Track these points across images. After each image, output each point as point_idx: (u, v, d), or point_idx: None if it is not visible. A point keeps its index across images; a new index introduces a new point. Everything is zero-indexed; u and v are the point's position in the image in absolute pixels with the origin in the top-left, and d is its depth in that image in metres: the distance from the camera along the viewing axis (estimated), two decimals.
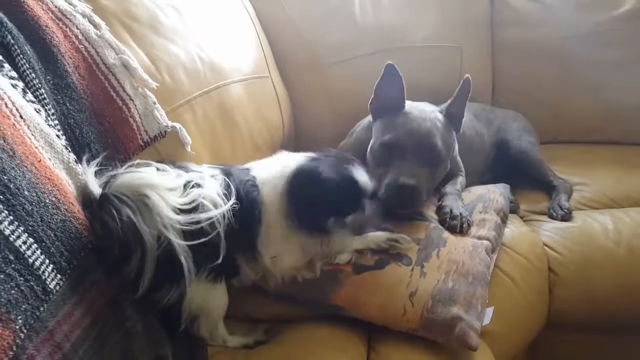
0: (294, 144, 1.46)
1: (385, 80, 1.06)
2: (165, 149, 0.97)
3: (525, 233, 1.18)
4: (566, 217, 1.22)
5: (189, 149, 1.00)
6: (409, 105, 1.07)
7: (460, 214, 1.01)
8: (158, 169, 0.77)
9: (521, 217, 1.28)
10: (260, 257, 0.84)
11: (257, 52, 1.32)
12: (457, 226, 0.99)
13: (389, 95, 1.06)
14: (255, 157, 1.17)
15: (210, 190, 0.76)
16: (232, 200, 0.77)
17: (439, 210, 1.04)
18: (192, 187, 0.75)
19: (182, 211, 0.72)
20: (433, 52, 1.50)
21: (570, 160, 1.46)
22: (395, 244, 0.91)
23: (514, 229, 1.18)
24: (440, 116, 1.07)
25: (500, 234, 1.05)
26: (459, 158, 1.22)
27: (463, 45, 1.54)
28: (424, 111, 1.06)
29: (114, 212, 0.68)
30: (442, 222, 1.00)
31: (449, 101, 1.08)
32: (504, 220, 1.09)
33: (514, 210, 1.28)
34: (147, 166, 0.78)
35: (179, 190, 0.74)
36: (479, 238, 0.99)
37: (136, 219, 0.68)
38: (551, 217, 1.24)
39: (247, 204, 0.80)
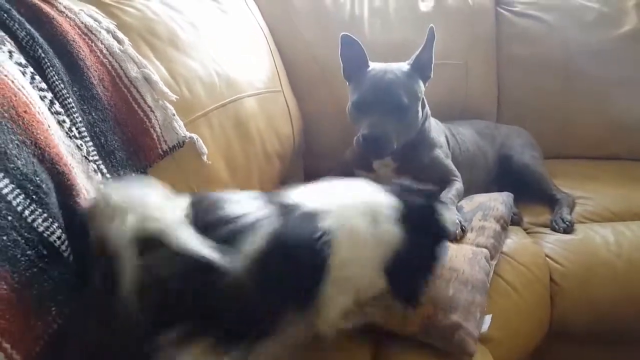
0: (303, 153, 1.50)
1: (344, 48, 1.18)
2: (182, 158, 1.01)
3: (528, 244, 1.19)
4: (568, 229, 1.24)
5: (205, 158, 1.04)
6: (373, 64, 1.17)
7: (458, 221, 1.03)
8: None
9: (525, 230, 1.30)
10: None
11: (270, 67, 1.36)
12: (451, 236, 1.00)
13: (352, 60, 1.17)
14: (266, 165, 1.21)
15: None
16: None
17: None
18: None
19: None
20: (440, 68, 1.52)
21: (574, 175, 1.48)
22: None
23: (517, 240, 1.19)
24: (404, 67, 1.16)
25: (500, 241, 1.07)
26: (449, 162, 1.24)
27: (468, 62, 1.57)
28: (387, 66, 1.16)
29: None
30: None
31: (417, 51, 1.17)
32: (504, 228, 1.11)
33: (517, 222, 1.29)
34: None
35: None
36: (478, 245, 1.01)
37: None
38: (554, 229, 1.25)
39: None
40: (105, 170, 0.84)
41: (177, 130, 0.99)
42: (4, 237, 0.57)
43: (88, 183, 0.78)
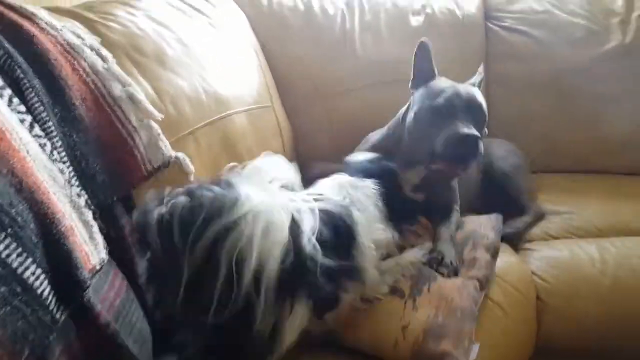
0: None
1: (419, 55, 1.14)
2: (167, 178, 0.97)
3: (515, 263, 1.18)
4: (509, 237, 1.23)
5: (191, 178, 1.00)
6: (438, 77, 1.13)
7: (451, 262, 1.00)
8: None
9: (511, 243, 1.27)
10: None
11: (259, 82, 1.33)
12: (444, 273, 0.98)
13: (423, 68, 1.13)
14: None
15: None
16: None
17: (430, 254, 1.02)
18: None
19: None
20: None
21: (561, 189, 1.47)
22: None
23: (504, 258, 1.17)
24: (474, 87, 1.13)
25: (491, 271, 1.04)
26: (455, 185, 1.21)
27: (456, 78, 1.54)
28: (453, 82, 1.12)
29: None
30: (429, 263, 0.99)
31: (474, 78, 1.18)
32: (494, 256, 1.08)
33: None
34: None
35: None
36: (469, 278, 0.99)
37: None
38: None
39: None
40: (86, 196, 0.80)
41: (163, 150, 0.96)
42: None
43: (71, 208, 0.74)
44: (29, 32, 0.86)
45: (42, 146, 0.75)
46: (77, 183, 0.79)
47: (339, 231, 0.79)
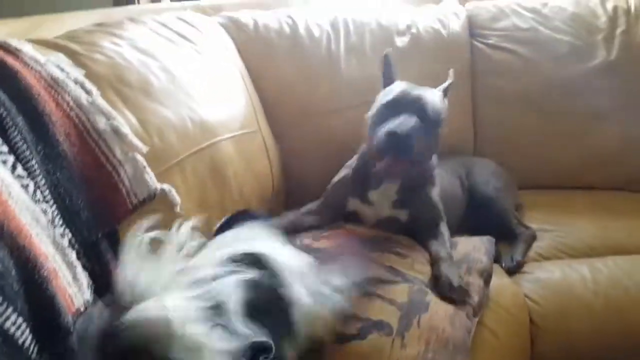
0: (283, 193, 1.46)
1: (384, 65, 1.20)
2: (153, 210, 0.96)
3: (507, 285, 1.17)
4: (512, 269, 1.23)
5: (178, 209, 1.00)
6: (399, 82, 1.17)
7: (460, 285, 0.98)
8: None
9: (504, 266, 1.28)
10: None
11: (246, 106, 1.33)
12: (457, 300, 0.96)
13: (387, 76, 1.18)
14: (244, 208, 1.17)
15: None
16: None
17: (436, 280, 0.99)
18: None
19: None
20: None
21: (550, 207, 1.47)
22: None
23: (497, 281, 1.16)
24: (435, 90, 1.16)
25: (483, 296, 1.04)
26: (438, 200, 1.21)
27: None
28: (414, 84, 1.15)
29: None
30: (441, 294, 0.97)
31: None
32: (487, 282, 1.08)
33: (497, 259, 1.28)
34: None
35: None
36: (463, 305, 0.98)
37: None
38: (501, 266, 1.24)
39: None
40: (70, 235, 0.80)
41: (148, 182, 0.95)
42: None
43: (54, 249, 0.74)
44: (12, 68, 0.86)
45: (25, 187, 0.74)
46: (60, 222, 0.78)
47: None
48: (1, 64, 0.86)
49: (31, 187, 0.75)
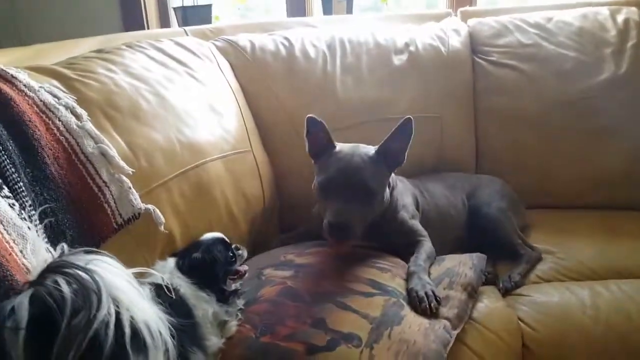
0: (276, 211, 1.52)
1: (310, 130, 1.20)
2: (138, 229, 1.05)
3: (499, 308, 1.18)
4: (508, 289, 1.24)
5: (162, 228, 1.07)
6: (340, 145, 1.20)
7: (426, 293, 1.03)
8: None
9: (500, 289, 1.29)
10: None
11: (239, 126, 1.40)
12: (427, 309, 1.01)
13: (318, 141, 1.20)
14: (232, 227, 1.24)
15: None
16: None
17: (408, 294, 1.06)
18: None
19: None
20: (414, 122, 1.57)
21: (554, 227, 1.48)
22: None
23: (489, 303, 1.18)
24: (370, 152, 1.18)
25: (466, 310, 1.07)
26: (414, 222, 1.26)
27: (444, 114, 1.60)
28: (354, 148, 1.18)
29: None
30: (413, 308, 1.03)
31: (386, 138, 1.18)
32: (471, 295, 1.11)
33: (492, 281, 1.30)
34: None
35: None
36: (440, 317, 1.01)
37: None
38: (498, 287, 1.25)
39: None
40: (54, 253, 0.87)
41: (133, 202, 1.03)
42: None
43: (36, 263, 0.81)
44: (6, 96, 0.97)
45: (12, 206, 0.83)
46: (44, 239, 0.86)
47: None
48: None
49: (17, 207, 0.84)
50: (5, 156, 0.88)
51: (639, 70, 1.61)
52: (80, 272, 0.67)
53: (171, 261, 1.02)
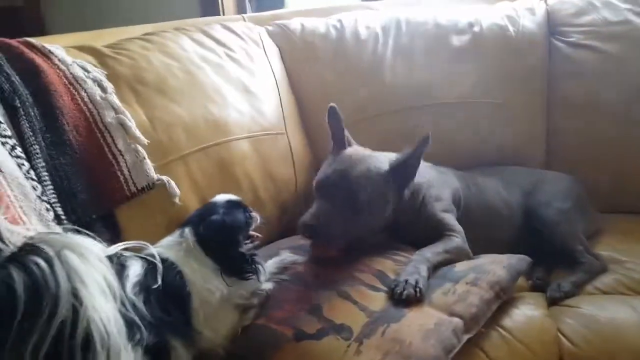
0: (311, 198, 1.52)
1: (329, 120, 1.18)
2: (154, 200, 1.12)
3: (537, 317, 1.08)
4: (555, 299, 1.14)
5: (177, 200, 1.14)
6: (353, 149, 1.16)
7: (407, 280, 0.98)
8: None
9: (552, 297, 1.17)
10: (200, 336, 0.90)
11: (274, 109, 1.43)
12: (398, 295, 0.96)
13: (335, 134, 1.18)
14: (255, 208, 1.26)
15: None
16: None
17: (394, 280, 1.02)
18: None
19: None
20: (469, 109, 1.49)
21: (627, 234, 1.34)
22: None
23: (526, 310, 1.08)
24: (382, 168, 1.11)
25: (485, 311, 0.99)
26: (446, 216, 1.19)
27: (507, 102, 1.50)
28: (364, 157, 1.12)
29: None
30: (389, 292, 0.99)
31: (403, 153, 1.11)
32: (499, 296, 1.03)
33: (541, 288, 1.19)
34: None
35: None
36: (452, 314, 0.95)
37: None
38: (546, 295, 1.15)
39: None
40: (61, 212, 0.97)
41: (147, 172, 1.11)
42: None
43: (37, 220, 0.91)
44: (38, 68, 1.10)
45: (20, 165, 0.93)
46: (47, 199, 0.95)
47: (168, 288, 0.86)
48: (31, 64, 1.09)
49: (25, 167, 0.95)
50: (26, 120, 1.00)
51: None
52: (43, 265, 0.67)
53: (187, 232, 0.97)
